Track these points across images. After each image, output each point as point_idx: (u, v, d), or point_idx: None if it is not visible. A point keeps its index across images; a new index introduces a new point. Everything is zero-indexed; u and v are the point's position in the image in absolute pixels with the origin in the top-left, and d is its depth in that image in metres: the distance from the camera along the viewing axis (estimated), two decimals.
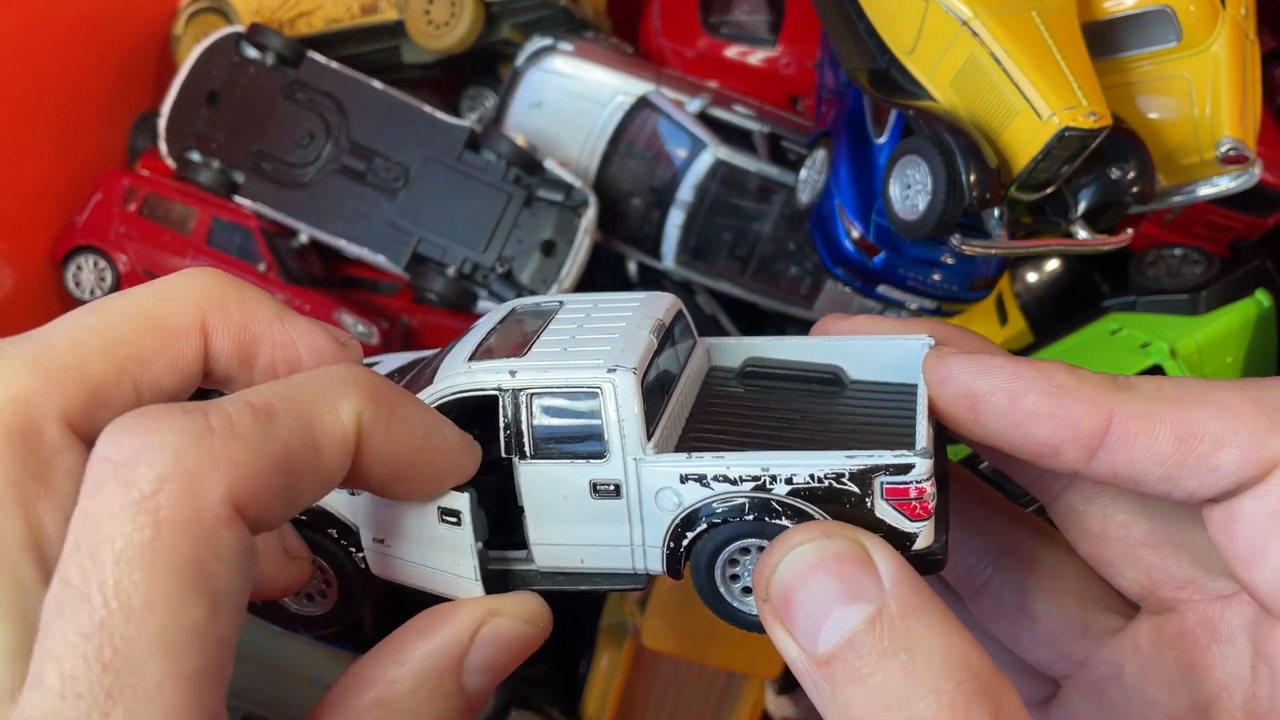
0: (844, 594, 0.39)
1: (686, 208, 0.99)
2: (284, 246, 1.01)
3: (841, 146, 0.86)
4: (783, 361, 0.56)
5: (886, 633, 0.37)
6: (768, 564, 0.41)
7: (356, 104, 1.00)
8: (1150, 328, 0.92)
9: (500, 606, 0.45)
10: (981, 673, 0.37)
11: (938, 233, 0.72)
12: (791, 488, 0.45)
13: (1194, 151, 0.76)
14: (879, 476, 0.44)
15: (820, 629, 0.39)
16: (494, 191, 0.98)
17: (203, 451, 0.34)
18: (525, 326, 0.53)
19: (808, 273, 1.02)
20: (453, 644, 0.43)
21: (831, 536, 0.41)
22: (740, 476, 0.45)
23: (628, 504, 0.47)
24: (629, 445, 0.46)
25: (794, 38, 1.09)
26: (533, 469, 0.48)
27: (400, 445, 0.43)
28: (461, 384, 0.48)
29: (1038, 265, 1.05)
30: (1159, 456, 0.42)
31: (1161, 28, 0.75)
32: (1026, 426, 0.44)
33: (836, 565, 0.40)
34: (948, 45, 0.72)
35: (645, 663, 1.02)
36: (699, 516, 0.46)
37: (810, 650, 0.39)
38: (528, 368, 0.48)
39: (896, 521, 0.44)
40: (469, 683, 0.43)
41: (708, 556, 0.47)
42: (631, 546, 0.48)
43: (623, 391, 0.46)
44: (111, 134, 1.08)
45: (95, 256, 1.00)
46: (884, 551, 0.40)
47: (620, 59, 1.05)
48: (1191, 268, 0.97)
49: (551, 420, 0.47)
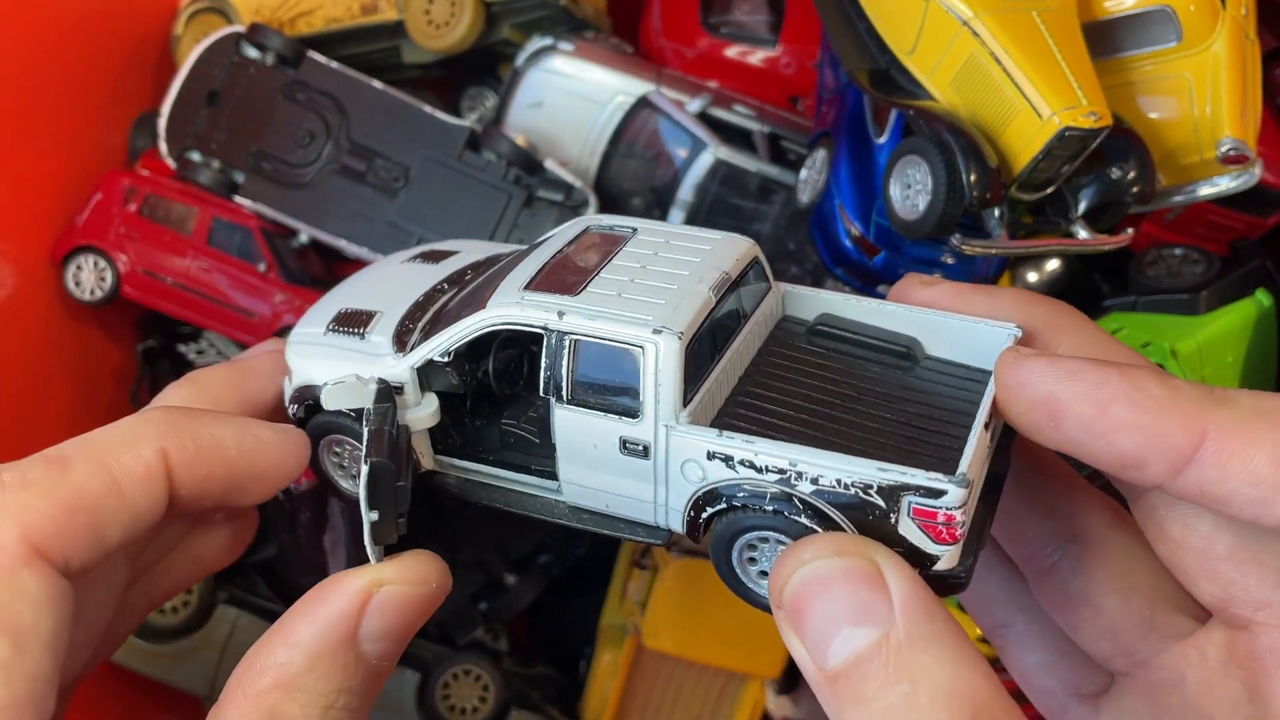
0: (854, 614, 0.38)
1: (687, 208, 0.99)
2: (284, 246, 1.01)
3: (842, 146, 0.86)
4: (857, 325, 0.53)
5: (892, 660, 0.37)
6: (782, 572, 0.41)
7: (356, 104, 1.00)
8: (1151, 328, 0.92)
9: (386, 575, 0.46)
10: (986, 706, 0.36)
11: (938, 232, 0.72)
12: (816, 488, 0.43)
13: (1194, 151, 0.76)
14: (908, 495, 0.42)
15: (830, 644, 0.38)
16: (494, 191, 0.98)
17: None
18: (591, 256, 0.52)
19: (808, 272, 1.02)
20: (342, 619, 0.44)
21: (844, 555, 0.40)
22: (766, 466, 0.44)
23: (654, 466, 0.46)
24: (663, 410, 0.45)
25: (794, 38, 1.09)
26: (567, 413, 0.47)
27: (215, 463, 0.46)
28: (511, 316, 0.48)
29: (1038, 265, 1.05)
30: (1254, 478, 0.39)
31: (1162, 27, 0.75)
32: (1111, 438, 0.41)
33: (848, 584, 0.39)
34: (948, 45, 0.72)
35: (645, 663, 1.02)
36: (720, 496, 0.45)
37: (820, 663, 0.38)
38: (576, 311, 0.47)
39: (919, 541, 0.43)
40: (368, 651, 0.45)
41: (728, 537, 0.46)
42: (655, 504, 0.48)
43: (664, 356, 0.45)
44: (111, 134, 1.08)
45: (95, 256, 1.00)
46: (898, 573, 0.39)
47: (620, 59, 1.05)
48: (1192, 268, 0.97)
49: (591, 369, 0.47)
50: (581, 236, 0.54)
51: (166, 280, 1.00)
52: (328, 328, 0.56)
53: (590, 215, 0.57)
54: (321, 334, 0.55)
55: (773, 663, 0.98)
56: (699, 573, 0.97)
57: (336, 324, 0.56)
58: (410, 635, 0.47)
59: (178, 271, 1.00)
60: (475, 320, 0.49)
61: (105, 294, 1.00)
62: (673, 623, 0.97)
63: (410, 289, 0.57)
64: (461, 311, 0.51)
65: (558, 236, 0.55)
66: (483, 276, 0.56)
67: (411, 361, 0.51)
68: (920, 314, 0.52)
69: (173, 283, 1.00)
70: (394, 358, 0.52)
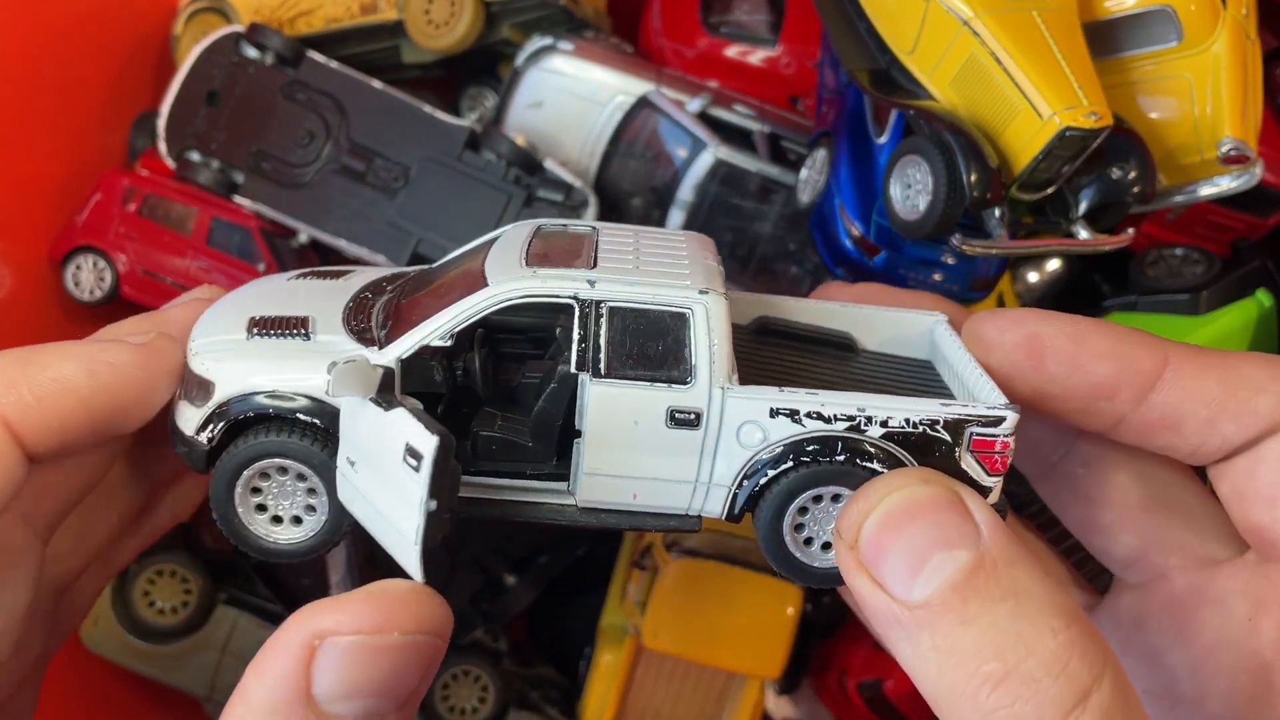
0: (943, 540, 0.39)
1: (687, 208, 0.99)
2: (284, 246, 1.01)
3: (842, 146, 0.86)
4: (796, 322, 0.54)
5: (992, 576, 0.38)
6: (860, 509, 0.41)
7: (356, 104, 1.00)
8: (1151, 328, 0.91)
9: (325, 624, 0.39)
10: (1080, 618, 0.37)
11: (938, 232, 0.71)
12: (886, 430, 0.43)
13: (1195, 151, 0.76)
14: (971, 427, 0.43)
15: (917, 575, 0.38)
16: (494, 191, 0.98)
17: None
18: (568, 243, 0.49)
19: (808, 273, 1.02)
20: (285, 679, 0.38)
21: (929, 483, 0.41)
22: (836, 415, 0.43)
23: (704, 435, 0.45)
24: (717, 373, 0.44)
25: (794, 37, 1.09)
26: (605, 389, 0.44)
27: (67, 408, 0.42)
28: (531, 288, 0.44)
29: (1039, 265, 1.05)
30: (1206, 398, 0.43)
31: (1162, 27, 0.75)
32: (1090, 367, 0.45)
33: (935, 512, 0.40)
34: (948, 45, 0.72)
35: (645, 663, 1.02)
36: (785, 454, 0.44)
37: (904, 597, 0.39)
38: (608, 279, 0.45)
39: (976, 474, 0.44)
40: (336, 712, 0.38)
41: (779, 501, 0.45)
42: (696, 484, 0.46)
43: (716, 315, 0.44)
44: (111, 134, 1.08)
45: (95, 256, 1.00)
46: (977, 500, 0.40)
47: (620, 59, 1.05)
48: (1192, 268, 0.96)
49: (631, 339, 0.44)
50: (539, 232, 0.51)
51: (166, 280, 1.00)
52: (249, 332, 0.48)
53: (535, 219, 0.53)
54: (244, 339, 0.47)
55: (773, 663, 0.98)
56: (699, 573, 0.97)
57: (261, 328, 0.48)
58: (406, 686, 0.40)
59: (177, 271, 1.00)
60: (483, 296, 0.45)
61: (105, 294, 1.00)
62: (673, 623, 0.97)
63: (327, 297, 0.51)
64: (440, 302, 0.47)
65: (506, 237, 0.51)
66: (428, 280, 0.51)
67: (397, 353, 0.45)
68: (852, 310, 0.54)
69: (172, 283, 1.00)
70: (366, 352, 0.46)
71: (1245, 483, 0.44)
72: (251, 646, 0.98)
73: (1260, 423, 0.43)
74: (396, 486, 0.41)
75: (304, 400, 0.45)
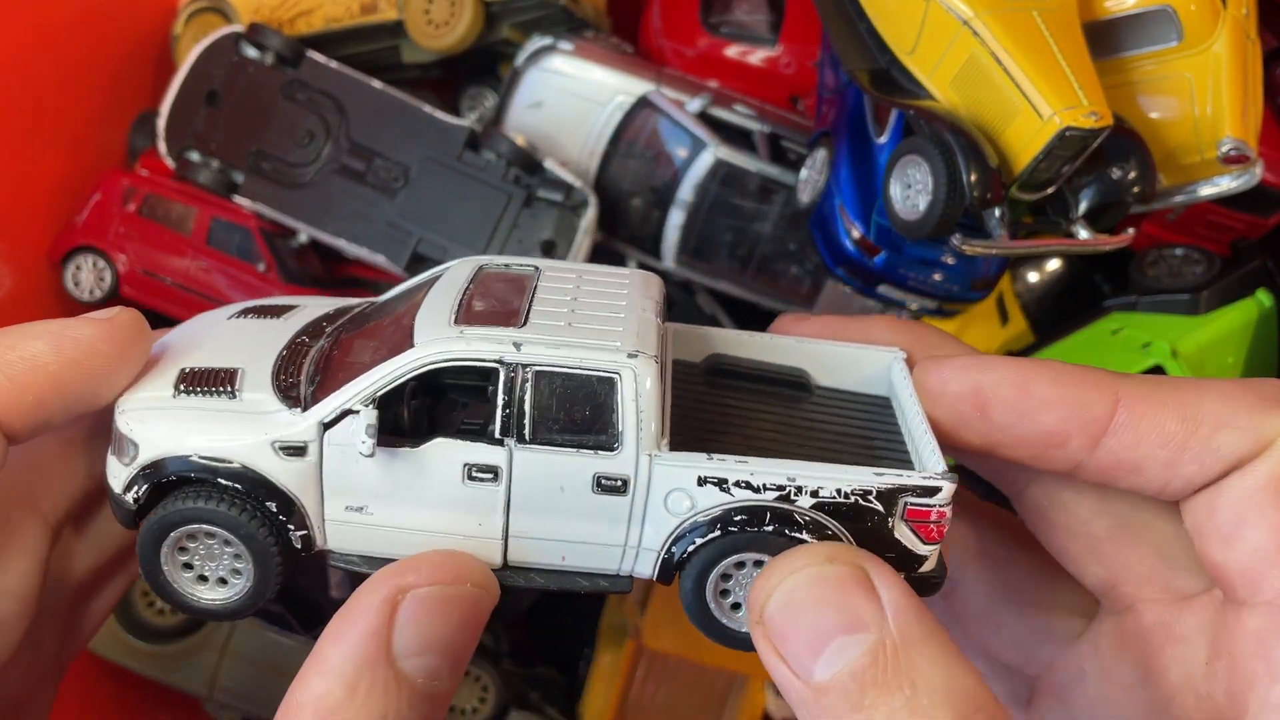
0: (845, 623, 0.38)
1: (687, 207, 0.99)
2: (283, 246, 1.01)
3: (842, 146, 0.86)
4: (749, 361, 0.53)
5: (890, 665, 0.36)
6: (765, 587, 0.40)
7: (356, 104, 1.00)
8: (1151, 328, 0.92)
9: (408, 580, 0.41)
10: (985, 706, 0.36)
11: (939, 232, 0.71)
12: (817, 500, 0.43)
13: (1195, 151, 0.76)
14: (905, 497, 0.42)
15: (819, 657, 0.37)
16: (494, 191, 0.98)
17: None
18: (505, 290, 0.48)
19: (808, 272, 1.02)
20: (369, 637, 0.40)
21: (835, 561, 0.40)
22: (764, 484, 0.43)
23: (632, 502, 0.44)
24: (644, 440, 0.43)
25: (794, 37, 1.09)
26: (530, 455, 0.44)
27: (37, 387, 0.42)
28: (456, 351, 0.43)
29: (1039, 265, 1.05)
30: (1163, 438, 0.42)
31: (1162, 27, 0.75)
32: (1035, 415, 0.43)
33: (839, 592, 0.39)
34: (948, 45, 0.72)
35: (645, 663, 1.02)
36: (712, 522, 0.43)
37: (805, 678, 0.38)
38: (535, 341, 0.43)
39: (911, 543, 0.43)
40: (409, 669, 0.40)
41: (701, 567, 0.44)
42: (624, 547, 0.45)
43: (644, 381, 0.43)
44: (111, 134, 1.08)
45: (94, 256, 1.00)
46: (887, 577, 0.39)
47: (620, 59, 1.05)
48: (1192, 268, 0.97)
49: (558, 404, 0.43)
50: (479, 276, 0.49)
51: (166, 280, 1.00)
52: (176, 389, 0.46)
53: (475, 257, 0.51)
54: (170, 396, 0.46)
55: None
56: None
57: (189, 384, 0.46)
58: (462, 646, 0.42)
59: (177, 271, 1.00)
60: (406, 360, 0.44)
61: (104, 294, 1.00)
62: (673, 623, 0.97)
63: (261, 343, 0.50)
64: (369, 357, 0.46)
65: (447, 278, 0.49)
66: (365, 323, 0.50)
67: (319, 416, 0.44)
68: (806, 345, 0.52)
69: (172, 282, 1.00)
70: (289, 414, 0.45)
71: (1205, 519, 0.42)
72: (252, 647, 0.98)
73: (1222, 461, 0.41)
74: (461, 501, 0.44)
75: (227, 465, 0.45)
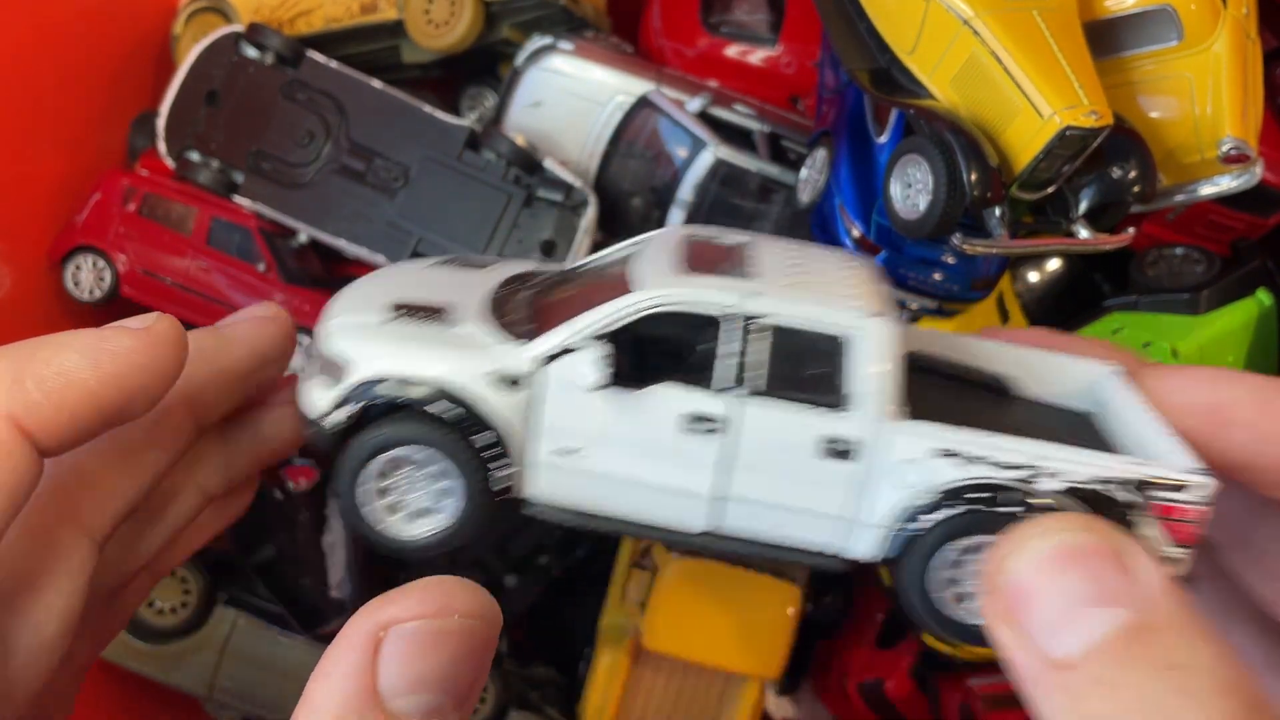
0: (1099, 595, 0.34)
1: (687, 207, 0.99)
2: (283, 246, 1.01)
3: (842, 146, 0.86)
4: (947, 361, 0.50)
5: (1150, 643, 0.33)
6: (1003, 552, 0.36)
7: (356, 104, 1.00)
8: (1151, 327, 0.92)
9: (388, 614, 0.38)
10: (1256, 698, 0.32)
11: (939, 232, 0.71)
12: (1065, 484, 0.40)
13: (1195, 151, 0.76)
14: (1155, 491, 0.40)
15: (1061, 630, 0.34)
16: (494, 191, 0.98)
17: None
18: (723, 253, 0.46)
19: None
20: (351, 675, 0.37)
21: (1092, 530, 0.36)
22: (1011, 463, 0.40)
23: (858, 470, 0.41)
24: (882, 405, 0.41)
25: (794, 37, 1.09)
26: (757, 409, 0.42)
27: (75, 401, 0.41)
28: (686, 295, 0.42)
29: (1039, 265, 1.05)
30: None
31: (1163, 27, 0.75)
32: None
33: (1096, 562, 0.35)
34: (949, 44, 0.72)
35: (645, 663, 1.02)
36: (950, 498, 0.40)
37: (1046, 650, 0.34)
38: (770, 292, 0.42)
39: (1161, 543, 0.41)
40: (401, 708, 0.37)
41: (932, 546, 0.41)
42: (845, 520, 0.42)
43: (885, 342, 0.41)
44: (111, 134, 1.08)
45: (94, 256, 1.00)
46: (1146, 555, 0.35)
47: (620, 58, 1.05)
48: (1193, 267, 0.96)
49: (792, 359, 0.41)
50: (691, 240, 0.48)
51: (165, 280, 1.00)
52: (392, 316, 0.46)
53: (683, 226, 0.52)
54: (383, 321, 0.46)
55: (773, 663, 0.98)
56: (699, 573, 0.97)
57: (403, 311, 0.46)
58: (465, 679, 0.39)
59: (177, 271, 1.00)
60: (635, 299, 0.42)
61: (104, 294, 1.00)
62: (673, 623, 0.97)
63: (471, 286, 0.50)
64: (589, 303, 0.44)
65: (653, 241, 0.49)
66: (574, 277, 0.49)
67: (543, 348, 0.43)
68: (1011, 351, 0.50)
69: (172, 283, 1.00)
70: (510, 345, 0.44)
71: None
72: (252, 647, 0.98)
73: None
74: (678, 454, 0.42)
75: (443, 389, 0.44)
